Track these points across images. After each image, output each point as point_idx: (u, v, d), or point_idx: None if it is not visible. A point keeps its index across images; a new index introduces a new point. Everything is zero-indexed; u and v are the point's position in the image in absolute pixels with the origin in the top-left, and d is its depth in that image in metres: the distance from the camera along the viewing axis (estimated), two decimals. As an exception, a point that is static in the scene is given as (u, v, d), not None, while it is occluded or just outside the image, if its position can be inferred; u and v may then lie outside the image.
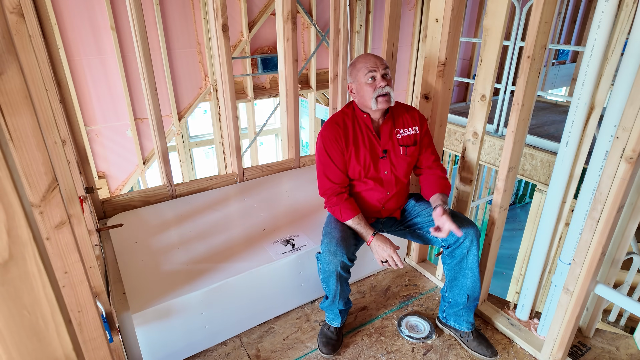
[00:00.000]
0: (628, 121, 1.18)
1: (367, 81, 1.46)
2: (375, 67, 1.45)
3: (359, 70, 1.48)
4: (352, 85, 1.53)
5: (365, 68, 1.46)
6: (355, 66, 1.50)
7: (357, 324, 1.75)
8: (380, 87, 1.45)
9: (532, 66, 1.43)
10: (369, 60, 1.47)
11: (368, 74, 1.45)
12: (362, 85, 1.48)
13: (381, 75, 1.46)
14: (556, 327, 1.49)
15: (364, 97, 1.50)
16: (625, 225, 1.53)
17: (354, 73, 1.50)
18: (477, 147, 1.74)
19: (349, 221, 1.54)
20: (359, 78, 1.48)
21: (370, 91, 1.46)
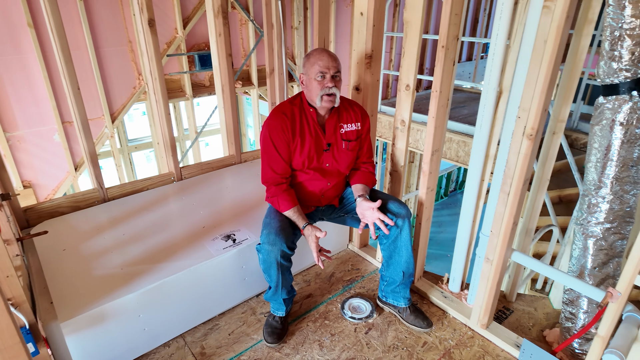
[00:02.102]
0: (526, 102, 1.32)
1: (316, 77, 1.49)
2: (327, 68, 1.48)
3: (312, 64, 1.49)
4: (303, 77, 1.55)
5: (317, 65, 1.48)
6: (309, 59, 1.51)
7: (302, 312, 1.79)
8: (327, 87, 1.49)
9: (447, 55, 1.54)
10: (322, 59, 1.48)
11: (319, 72, 1.48)
12: (311, 80, 1.51)
13: (331, 75, 1.49)
14: (481, 295, 1.63)
15: (311, 92, 1.53)
16: (535, 197, 1.71)
17: (307, 66, 1.52)
18: (405, 134, 1.85)
19: (287, 212, 1.57)
20: (310, 72, 1.50)
21: (318, 88, 1.50)
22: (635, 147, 1.34)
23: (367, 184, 1.69)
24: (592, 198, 1.43)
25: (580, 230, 1.49)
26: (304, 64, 1.53)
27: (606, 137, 1.36)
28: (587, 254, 1.47)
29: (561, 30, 1.19)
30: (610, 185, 1.38)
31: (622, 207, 1.40)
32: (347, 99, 1.68)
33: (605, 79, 1.34)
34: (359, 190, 1.66)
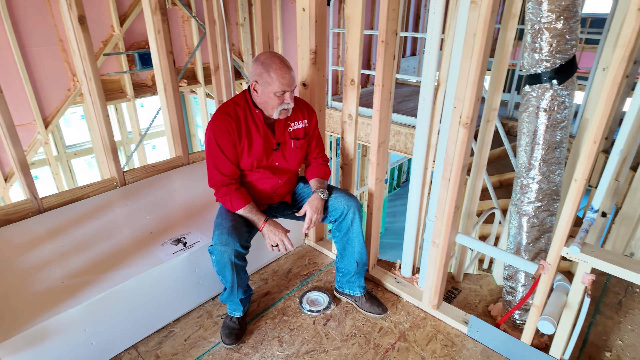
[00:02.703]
0: (461, 93, 1.40)
1: (277, 94, 1.46)
2: (289, 87, 1.46)
3: (272, 80, 1.44)
4: (258, 86, 1.48)
5: (280, 84, 1.44)
6: (269, 73, 1.43)
7: (260, 310, 1.78)
8: (286, 102, 1.49)
9: (387, 50, 1.59)
10: (285, 78, 1.44)
11: (281, 90, 1.45)
12: (269, 94, 1.46)
13: (291, 91, 1.48)
14: (430, 277, 1.71)
15: (267, 104, 1.50)
16: (474, 182, 1.82)
17: (264, 77, 1.45)
18: (353, 128, 1.89)
19: (240, 210, 1.55)
20: (269, 87, 1.45)
21: (277, 103, 1.48)
22: (558, 131, 1.47)
23: (321, 176, 1.71)
24: (523, 180, 1.55)
25: (515, 210, 1.61)
26: (259, 72, 1.45)
27: (533, 122, 1.48)
28: (522, 232, 1.59)
29: (488, 24, 1.27)
30: (539, 166, 1.51)
31: (549, 186, 1.53)
32: (295, 97, 1.68)
33: (529, 69, 1.45)
34: (314, 185, 1.69)
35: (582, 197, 1.28)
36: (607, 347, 1.65)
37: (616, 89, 1.10)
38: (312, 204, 1.60)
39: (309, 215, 1.60)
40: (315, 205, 1.60)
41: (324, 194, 1.63)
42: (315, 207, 1.60)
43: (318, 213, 1.60)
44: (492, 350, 1.58)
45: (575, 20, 1.35)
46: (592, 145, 1.18)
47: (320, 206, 1.61)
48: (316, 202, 1.60)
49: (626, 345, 1.66)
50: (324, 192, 1.64)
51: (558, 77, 1.40)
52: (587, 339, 1.68)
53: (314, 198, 1.61)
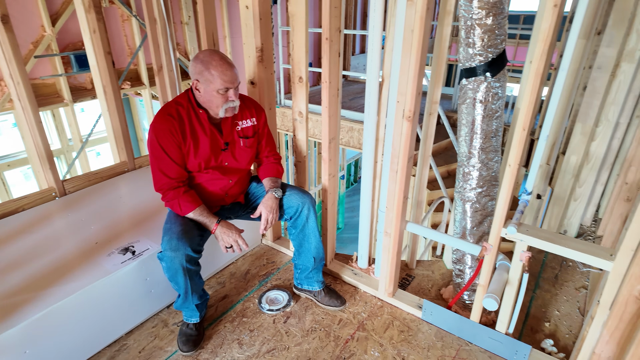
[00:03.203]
0: (403, 87, 1.46)
1: (219, 91, 1.42)
2: (231, 83, 1.43)
3: (213, 77, 1.40)
4: (199, 85, 1.44)
5: (221, 81, 1.41)
6: (210, 71, 1.40)
7: (218, 314, 1.75)
8: (231, 100, 1.46)
9: (331, 47, 1.61)
10: (226, 74, 1.41)
11: (224, 88, 1.42)
12: (212, 92, 1.43)
13: (235, 88, 1.45)
14: (385, 267, 1.77)
15: (211, 102, 1.46)
16: (421, 172, 1.90)
17: (205, 75, 1.41)
18: (304, 125, 1.90)
19: (190, 214, 1.51)
20: (211, 85, 1.42)
21: (222, 102, 1.45)
22: (493, 121, 1.57)
23: (274, 175, 1.70)
24: (465, 168, 1.64)
25: (459, 197, 1.70)
26: (199, 71, 1.42)
27: (470, 113, 1.57)
28: (466, 217, 1.68)
29: (424, 21, 1.33)
30: (478, 155, 1.60)
31: (488, 172, 1.63)
32: (242, 95, 1.66)
33: (465, 63, 1.54)
34: (267, 185, 1.68)
35: (522, 181, 1.38)
36: (546, 318, 1.79)
37: (540, 79, 1.19)
38: (266, 204, 1.60)
39: (265, 215, 1.59)
40: (270, 205, 1.60)
41: (278, 193, 1.63)
42: (270, 207, 1.59)
43: (273, 212, 1.60)
44: (446, 331, 1.66)
45: (503, 16, 1.44)
46: (522, 132, 1.27)
47: (275, 205, 1.61)
48: (270, 202, 1.60)
49: (562, 315, 1.81)
50: (277, 190, 1.63)
51: (491, 70, 1.49)
52: (529, 312, 1.82)
53: (268, 198, 1.61)
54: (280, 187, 1.68)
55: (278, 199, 1.63)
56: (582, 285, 2.02)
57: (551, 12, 1.13)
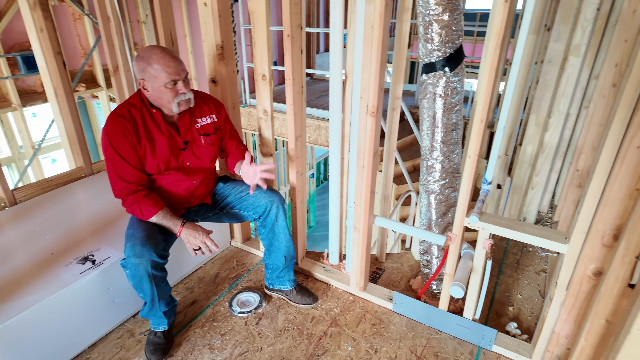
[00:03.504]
0: (365, 83, 1.47)
1: (167, 85, 1.37)
2: (177, 75, 1.38)
3: (157, 72, 1.35)
4: (146, 83, 1.39)
5: (166, 74, 1.35)
6: (152, 66, 1.35)
7: (188, 320, 1.70)
8: (182, 93, 1.41)
9: (293, 44, 1.60)
10: (169, 66, 1.36)
11: (170, 81, 1.37)
12: (160, 88, 1.38)
13: (183, 80, 1.40)
14: (355, 261, 1.79)
15: (162, 99, 1.41)
16: (387, 167, 1.93)
17: (149, 72, 1.36)
18: (269, 124, 1.88)
19: (153, 218, 1.45)
20: (157, 80, 1.37)
21: (172, 96, 1.40)
22: (453, 114, 1.62)
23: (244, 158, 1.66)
24: (428, 161, 1.69)
25: (423, 189, 1.74)
26: (142, 68, 1.37)
27: (431, 108, 1.61)
28: (431, 209, 1.73)
29: (383, 17, 1.35)
30: (440, 147, 1.65)
31: (450, 165, 1.68)
32: (199, 91, 1.62)
33: (425, 59, 1.58)
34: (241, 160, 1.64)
35: (484, 172, 1.43)
36: (509, 302, 1.87)
37: (494, 72, 1.24)
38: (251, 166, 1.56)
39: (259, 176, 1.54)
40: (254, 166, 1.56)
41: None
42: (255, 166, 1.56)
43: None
44: (416, 321, 1.70)
45: (459, 12, 1.49)
46: (480, 124, 1.32)
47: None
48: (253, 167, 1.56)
49: (524, 298, 1.90)
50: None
51: (449, 64, 1.54)
52: (493, 298, 1.90)
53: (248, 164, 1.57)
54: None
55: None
56: (541, 269, 2.13)
57: (502, 8, 1.18)
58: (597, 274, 1.21)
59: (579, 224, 1.23)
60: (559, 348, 1.38)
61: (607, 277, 1.08)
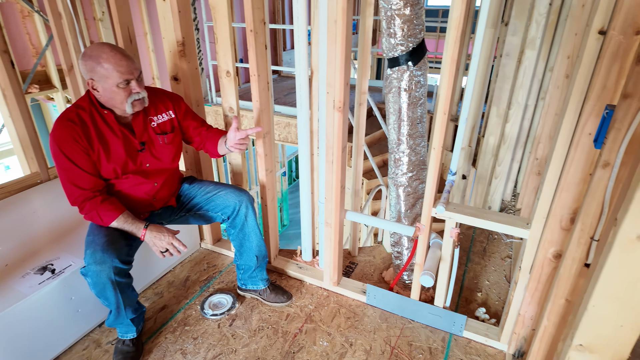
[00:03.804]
0: (331, 78, 1.47)
1: (120, 85, 1.30)
2: (130, 74, 1.31)
3: (108, 71, 1.28)
4: (95, 83, 1.31)
5: (118, 73, 1.28)
6: (102, 65, 1.28)
7: (158, 326, 1.65)
8: (136, 92, 1.34)
9: (257, 39, 1.58)
10: (121, 65, 1.29)
11: (123, 80, 1.30)
12: (112, 88, 1.31)
13: (136, 79, 1.34)
14: (329, 257, 1.79)
15: (114, 100, 1.34)
16: (356, 162, 1.94)
17: (99, 72, 1.29)
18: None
19: (114, 223, 1.39)
20: (108, 80, 1.29)
21: (124, 96, 1.33)
22: (418, 108, 1.65)
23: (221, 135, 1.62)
24: (395, 154, 1.71)
25: (392, 182, 1.77)
26: (91, 68, 1.29)
27: (396, 102, 1.63)
28: (400, 201, 1.76)
29: (346, 11, 1.35)
30: (406, 141, 1.67)
31: (417, 157, 1.71)
32: (152, 87, 1.56)
33: (389, 53, 1.59)
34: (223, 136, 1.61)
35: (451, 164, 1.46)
36: (478, 288, 1.94)
37: (455, 65, 1.27)
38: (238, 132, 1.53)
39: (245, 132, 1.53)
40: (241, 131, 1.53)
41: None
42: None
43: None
44: (389, 312, 1.73)
45: (420, 7, 1.51)
46: (443, 116, 1.35)
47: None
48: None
49: (492, 284, 1.97)
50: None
51: (412, 59, 1.56)
52: (462, 285, 1.95)
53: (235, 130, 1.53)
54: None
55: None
56: (507, 255, 2.21)
57: (460, 2, 1.20)
58: (556, 257, 1.27)
59: (539, 210, 1.29)
60: (524, 329, 1.44)
61: (565, 258, 1.14)
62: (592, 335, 0.86)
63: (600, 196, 0.98)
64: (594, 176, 1.00)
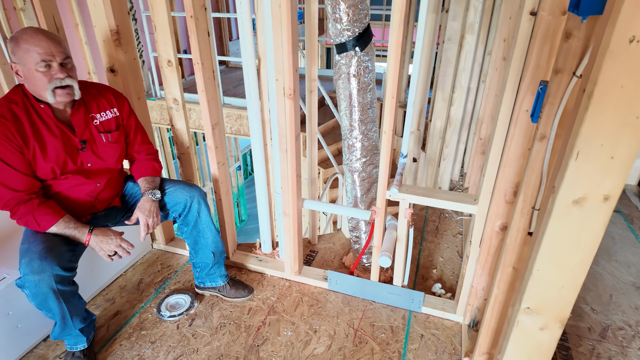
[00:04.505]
0: (279, 65, 1.44)
1: (38, 68, 1.18)
2: (50, 55, 1.18)
3: (26, 52, 1.16)
4: (17, 67, 1.20)
5: (35, 53, 1.16)
6: (20, 45, 1.16)
7: (111, 333, 1.56)
8: (58, 78, 1.21)
9: (198, 26, 1.50)
10: (40, 45, 1.16)
11: (41, 61, 1.17)
12: (31, 72, 1.18)
13: (59, 63, 1.21)
14: (288, 247, 1.78)
15: (36, 86, 1.21)
16: (311, 150, 1.94)
17: (18, 53, 1.17)
18: (181, 114, 1.76)
19: (53, 228, 1.27)
20: (26, 61, 1.18)
21: (45, 81, 1.20)
22: (367, 93, 1.66)
23: (149, 174, 1.52)
24: (349, 140, 1.72)
25: (347, 168, 1.78)
26: (12, 50, 1.18)
27: (347, 88, 1.63)
28: (355, 186, 1.78)
29: (290, -5, 1.32)
30: (358, 126, 1.69)
31: (369, 142, 1.73)
32: (94, 83, 1.44)
33: (336, 39, 1.59)
34: (142, 186, 1.48)
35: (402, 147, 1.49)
36: (433, 265, 2.02)
37: (399, 48, 1.29)
38: (143, 207, 1.41)
39: (143, 220, 1.40)
40: (147, 208, 1.41)
41: (156, 195, 1.45)
42: (148, 210, 1.41)
43: (153, 216, 1.42)
44: (351, 296, 1.75)
45: (364, -8, 1.51)
46: (392, 100, 1.37)
47: (153, 208, 1.43)
48: (147, 205, 1.42)
49: (445, 260, 2.06)
50: (154, 192, 1.46)
51: (359, 44, 1.57)
52: (419, 263, 2.03)
53: (145, 200, 1.43)
54: (158, 186, 1.51)
55: (156, 202, 1.46)
56: (458, 231, 2.32)
57: (403, -15, 1.22)
58: (503, 229, 1.34)
59: (485, 186, 1.36)
60: (477, 300, 1.53)
61: (510, 229, 1.21)
62: (538, 297, 0.92)
63: (539, 168, 1.05)
64: (532, 150, 1.06)
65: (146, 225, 1.40)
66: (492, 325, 1.33)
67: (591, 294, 1.80)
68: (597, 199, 0.75)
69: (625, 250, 2.11)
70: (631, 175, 2.85)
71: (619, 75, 0.63)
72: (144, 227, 1.40)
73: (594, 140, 0.70)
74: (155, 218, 1.43)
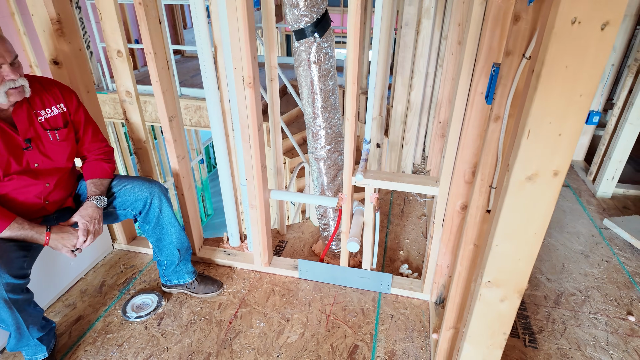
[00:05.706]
0: (236, 52, 1.40)
1: None
2: (1, 57, 1.11)
3: None
4: None
5: None
6: None
7: (74, 339, 1.49)
8: (11, 79, 1.14)
9: (148, 13, 1.43)
10: None
11: None
12: None
13: (10, 64, 1.13)
14: (257, 239, 1.76)
15: None
16: (275, 140, 1.91)
17: None
18: (136, 107, 1.69)
19: (6, 232, 1.19)
20: None
21: None
22: (329, 80, 1.65)
23: (98, 175, 1.42)
24: (312, 128, 1.71)
25: (312, 157, 1.77)
26: None
27: (307, 75, 1.61)
28: (322, 174, 1.78)
29: (244, -21, 1.28)
30: (321, 114, 1.68)
31: (333, 130, 1.73)
32: (38, 77, 1.34)
33: (294, 25, 1.56)
34: (88, 190, 1.39)
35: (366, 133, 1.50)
36: (399, 247, 2.07)
37: (357, 32, 1.29)
38: (83, 212, 1.32)
39: (82, 226, 1.29)
40: (89, 213, 1.32)
41: (101, 201, 1.37)
42: (89, 215, 1.32)
43: (94, 222, 1.33)
44: (322, 283, 1.77)
45: (320, -24, 1.49)
46: (353, 86, 1.37)
47: (95, 215, 1.34)
48: (89, 211, 1.33)
49: (411, 242, 2.13)
50: (100, 198, 1.37)
51: (318, 30, 1.55)
52: (386, 246, 2.07)
53: (87, 206, 1.33)
54: (106, 190, 1.42)
55: (101, 209, 1.37)
56: (422, 213, 2.39)
57: (358, -30, 1.21)
58: (463, 208, 1.40)
59: (445, 168, 1.40)
60: (442, 278, 1.59)
61: (470, 208, 1.26)
62: (497, 271, 0.97)
63: (495, 148, 1.09)
64: (487, 130, 1.10)
65: (86, 231, 1.30)
66: (457, 300, 1.39)
67: (546, 265, 1.92)
68: (547, 175, 0.79)
69: (575, 222, 2.26)
70: (578, 151, 3.04)
71: (563, 56, 0.66)
72: (83, 233, 1.29)
73: (543, 119, 0.73)
74: (97, 226, 1.33)
